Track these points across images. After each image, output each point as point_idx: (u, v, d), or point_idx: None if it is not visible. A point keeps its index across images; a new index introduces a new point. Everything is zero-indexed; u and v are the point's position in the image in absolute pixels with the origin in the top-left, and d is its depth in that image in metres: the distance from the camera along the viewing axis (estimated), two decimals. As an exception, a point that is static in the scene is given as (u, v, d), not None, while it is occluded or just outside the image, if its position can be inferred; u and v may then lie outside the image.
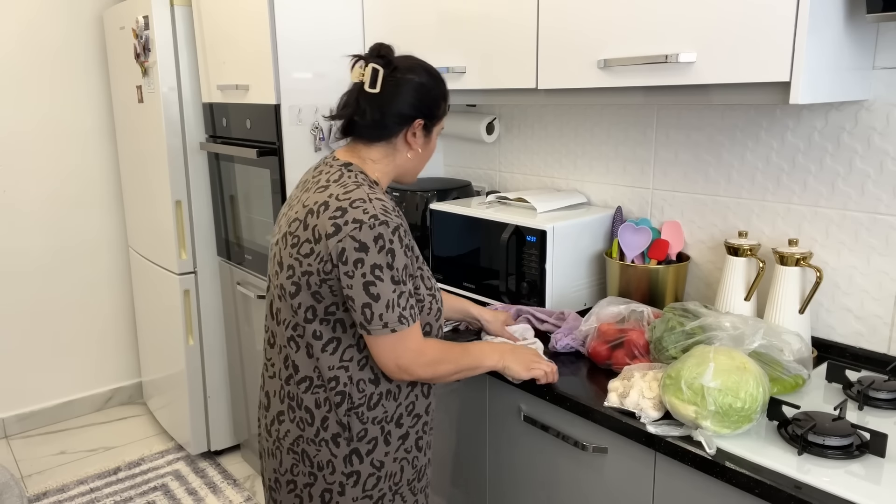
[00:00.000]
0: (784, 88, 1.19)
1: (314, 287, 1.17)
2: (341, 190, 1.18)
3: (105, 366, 3.35)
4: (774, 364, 1.27)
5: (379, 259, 1.12)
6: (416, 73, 1.23)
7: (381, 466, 1.27)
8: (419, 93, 1.23)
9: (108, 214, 3.25)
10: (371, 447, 1.26)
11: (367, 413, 1.24)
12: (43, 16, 2.95)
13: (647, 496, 1.26)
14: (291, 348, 1.24)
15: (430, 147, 1.31)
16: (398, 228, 1.15)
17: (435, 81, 1.26)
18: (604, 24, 1.44)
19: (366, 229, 1.12)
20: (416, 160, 1.30)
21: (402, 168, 1.30)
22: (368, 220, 1.12)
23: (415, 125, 1.24)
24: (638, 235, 1.72)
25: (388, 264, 1.13)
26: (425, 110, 1.25)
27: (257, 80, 2.13)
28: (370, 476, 1.26)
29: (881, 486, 0.99)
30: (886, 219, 1.40)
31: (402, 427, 1.28)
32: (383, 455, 1.27)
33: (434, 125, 1.29)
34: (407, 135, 1.25)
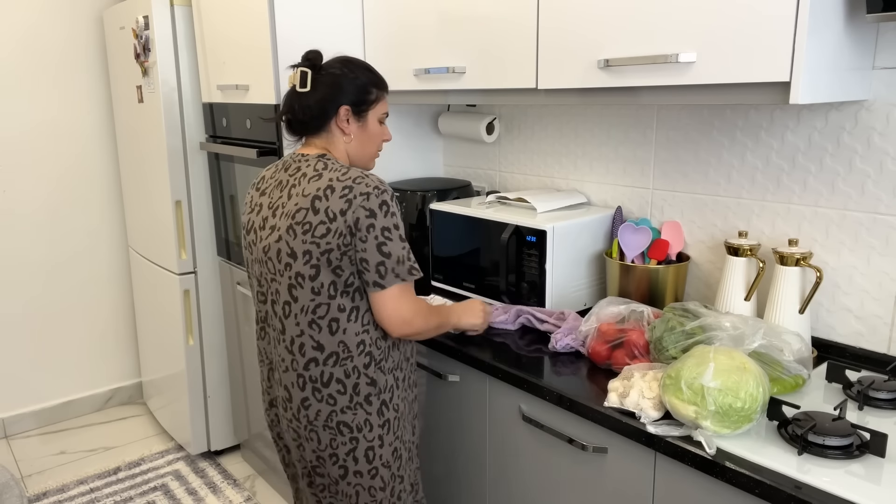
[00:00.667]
0: (784, 88, 1.19)
1: (335, 262, 1.32)
2: (338, 174, 1.33)
3: (105, 366, 3.35)
4: (774, 364, 1.27)
5: (386, 222, 1.30)
6: (336, 67, 1.41)
7: (398, 409, 1.46)
8: (337, 83, 1.39)
9: (108, 214, 3.25)
10: (391, 395, 1.44)
11: (385, 364, 1.42)
12: (43, 16, 2.95)
13: (647, 496, 1.26)
14: (314, 331, 1.36)
15: (371, 131, 1.45)
16: (394, 196, 1.34)
17: (356, 71, 1.42)
18: (604, 24, 1.44)
19: (372, 198, 1.29)
20: (358, 144, 1.45)
21: (350, 153, 1.45)
22: (373, 190, 1.30)
23: (340, 113, 1.40)
24: (638, 235, 1.72)
25: (395, 225, 1.32)
26: (345, 98, 1.40)
27: (257, 80, 2.13)
28: (395, 419, 1.45)
29: (881, 486, 0.99)
30: (886, 219, 1.40)
31: (403, 370, 1.48)
32: (399, 399, 1.46)
33: (365, 110, 1.43)
34: (338, 122, 1.41)
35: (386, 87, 1.48)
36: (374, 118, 1.45)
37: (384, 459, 1.44)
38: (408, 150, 2.37)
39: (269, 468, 2.61)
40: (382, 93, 1.46)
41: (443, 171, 2.50)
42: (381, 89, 1.45)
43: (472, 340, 1.63)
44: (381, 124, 1.47)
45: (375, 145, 1.48)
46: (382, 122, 1.47)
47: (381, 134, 1.48)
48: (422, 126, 2.39)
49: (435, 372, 1.70)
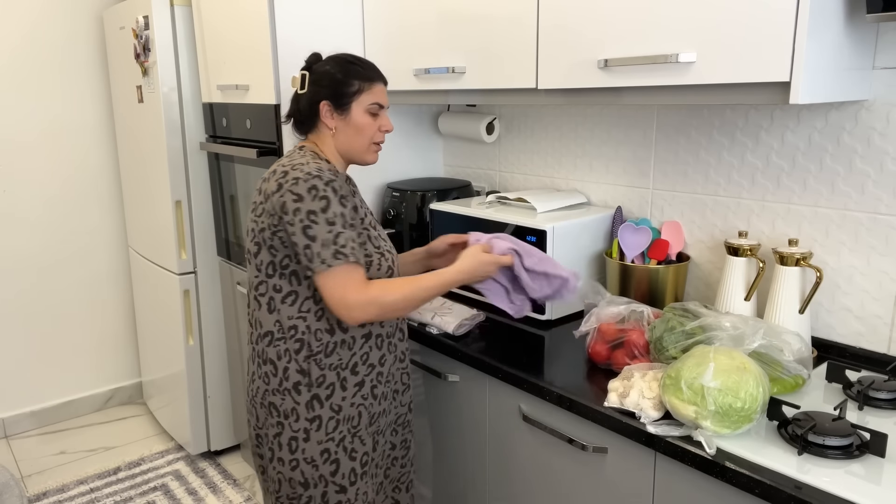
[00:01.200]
0: (784, 88, 1.19)
1: (268, 241, 1.35)
2: (287, 160, 1.37)
3: (105, 366, 3.35)
4: (774, 364, 1.27)
5: (313, 205, 1.28)
6: (321, 65, 1.43)
7: (339, 410, 1.40)
8: (319, 79, 1.42)
9: (108, 214, 3.25)
10: (329, 392, 1.39)
11: (324, 360, 1.38)
12: (43, 16, 2.95)
13: (647, 496, 1.26)
14: (256, 306, 1.40)
15: (356, 123, 1.42)
16: (331, 182, 1.30)
17: (336, 65, 1.42)
18: (604, 24, 1.44)
19: (301, 183, 1.29)
20: (344, 137, 1.43)
21: (339, 147, 1.45)
22: (304, 175, 1.29)
23: (322, 108, 1.41)
24: (638, 235, 1.72)
25: (322, 209, 1.28)
26: (323, 93, 1.41)
27: (257, 80, 2.13)
28: (330, 419, 1.40)
29: (881, 486, 0.99)
30: (886, 219, 1.40)
31: (357, 375, 1.42)
32: (341, 400, 1.40)
33: (347, 103, 1.41)
34: (322, 118, 1.42)
35: (374, 77, 1.43)
36: (359, 110, 1.42)
37: (307, 455, 1.39)
38: (408, 150, 2.37)
39: (269, 468, 2.61)
40: (368, 83, 1.42)
41: (443, 171, 2.50)
42: (365, 80, 1.42)
43: (470, 337, 1.63)
44: (374, 116, 1.43)
45: (365, 137, 1.44)
46: (376, 113, 1.43)
47: (372, 125, 1.43)
48: (422, 126, 2.39)
49: (435, 372, 1.70)
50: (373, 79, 1.43)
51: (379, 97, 1.44)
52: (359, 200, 1.46)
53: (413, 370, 1.79)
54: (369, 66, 1.45)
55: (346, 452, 1.42)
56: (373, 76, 1.43)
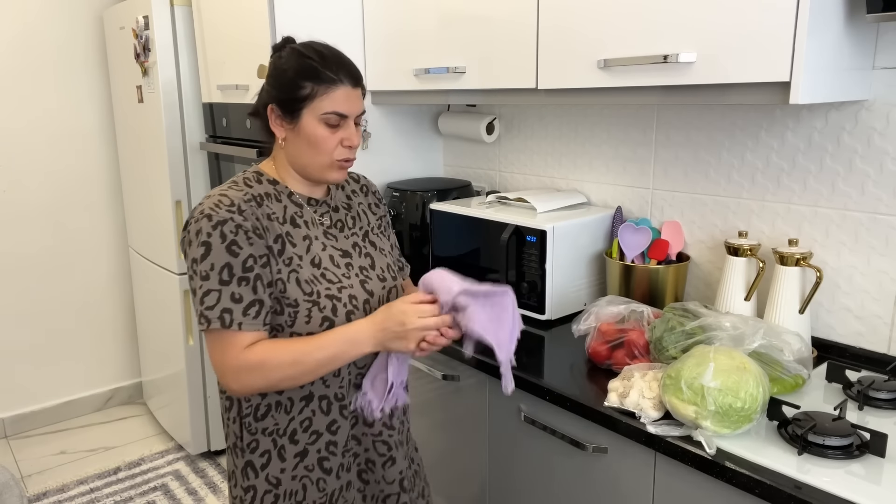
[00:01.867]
0: (784, 88, 1.19)
1: None
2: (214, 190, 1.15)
3: (105, 366, 3.35)
4: (774, 364, 1.27)
5: (195, 252, 1.07)
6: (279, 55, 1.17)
7: (277, 484, 1.17)
8: (271, 74, 1.16)
9: (108, 214, 3.25)
10: (265, 461, 1.17)
11: (254, 423, 1.16)
12: (43, 16, 2.95)
13: (647, 496, 1.26)
14: None
15: (308, 134, 1.13)
16: (222, 224, 1.06)
17: (291, 59, 1.14)
18: (604, 24, 1.44)
19: (192, 224, 1.08)
20: (294, 150, 1.16)
21: (289, 157, 1.18)
22: (196, 214, 1.09)
23: (268, 112, 1.16)
24: (638, 235, 1.72)
25: (200, 256, 1.06)
26: (275, 93, 1.14)
27: (257, 80, 2.13)
28: (267, 493, 1.17)
29: (881, 486, 0.99)
30: (886, 219, 1.40)
31: (298, 444, 1.17)
32: (279, 471, 1.17)
33: (297, 108, 1.12)
34: (271, 123, 1.17)
35: (334, 78, 1.12)
36: (310, 118, 1.12)
37: None
38: (408, 150, 2.37)
39: (269, 468, 2.61)
40: (325, 86, 1.11)
41: (443, 171, 2.50)
42: (320, 81, 1.11)
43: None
44: (333, 126, 1.13)
45: (320, 153, 1.14)
46: (335, 124, 1.13)
47: (329, 139, 1.13)
48: (422, 126, 2.39)
49: (434, 372, 1.70)
50: (332, 80, 1.12)
51: (338, 104, 1.12)
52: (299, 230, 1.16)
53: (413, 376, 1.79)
54: (332, 62, 1.13)
55: None
56: (333, 77, 1.12)
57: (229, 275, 1.06)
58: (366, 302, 1.18)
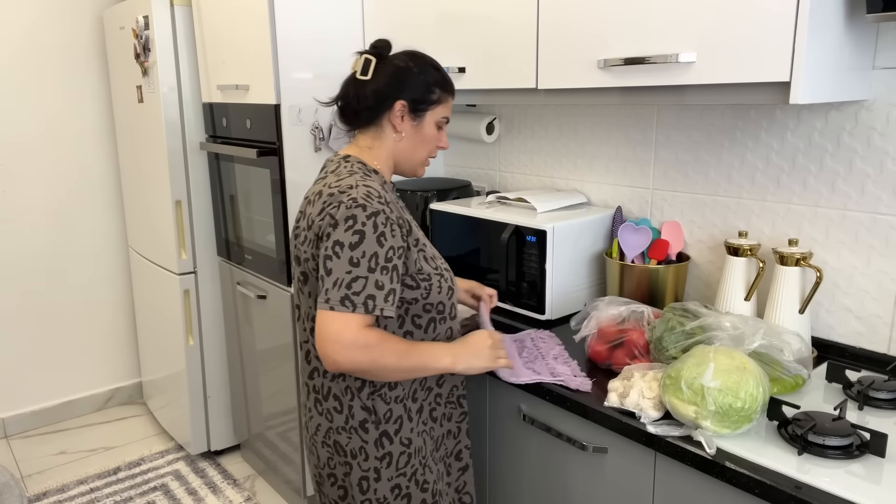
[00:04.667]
0: (784, 88, 1.19)
1: (314, 271, 1.24)
2: (335, 178, 1.25)
3: (105, 366, 3.35)
4: (774, 364, 1.27)
5: (342, 237, 1.15)
6: (402, 60, 1.30)
7: (409, 443, 1.31)
8: (398, 75, 1.28)
9: (108, 214, 3.25)
10: (398, 426, 1.30)
11: (389, 393, 1.28)
12: (43, 16, 2.95)
13: (647, 496, 1.26)
14: (313, 340, 1.29)
15: (425, 134, 1.33)
16: (375, 215, 1.16)
17: (421, 66, 1.30)
18: (604, 23, 1.44)
19: (342, 209, 1.17)
20: (409, 145, 1.33)
21: (396, 153, 1.33)
22: (347, 200, 1.17)
23: (396, 107, 1.28)
24: (638, 235, 1.72)
25: (351, 244, 1.15)
26: (405, 92, 1.28)
27: (257, 80, 2.13)
28: (402, 455, 1.30)
29: (881, 486, 0.99)
30: (886, 219, 1.40)
31: (417, 401, 1.33)
32: (409, 432, 1.31)
33: (424, 110, 1.31)
34: (391, 117, 1.29)
35: (452, 89, 1.35)
36: (431, 120, 1.32)
37: (379, 495, 1.30)
38: (408, 150, 2.37)
39: (269, 468, 2.61)
40: (447, 95, 1.34)
41: (443, 171, 2.50)
42: (445, 91, 1.33)
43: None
44: (439, 129, 1.35)
45: (427, 150, 1.35)
46: (441, 126, 1.35)
47: (436, 139, 1.35)
48: (422, 126, 2.39)
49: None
50: (451, 91, 1.35)
51: (448, 112, 1.36)
52: (408, 216, 1.32)
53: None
54: (448, 76, 1.36)
55: (418, 485, 1.33)
56: (451, 88, 1.35)
57: (375, 263, 1.16)
58: (452, 280, 1.36)
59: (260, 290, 2.38)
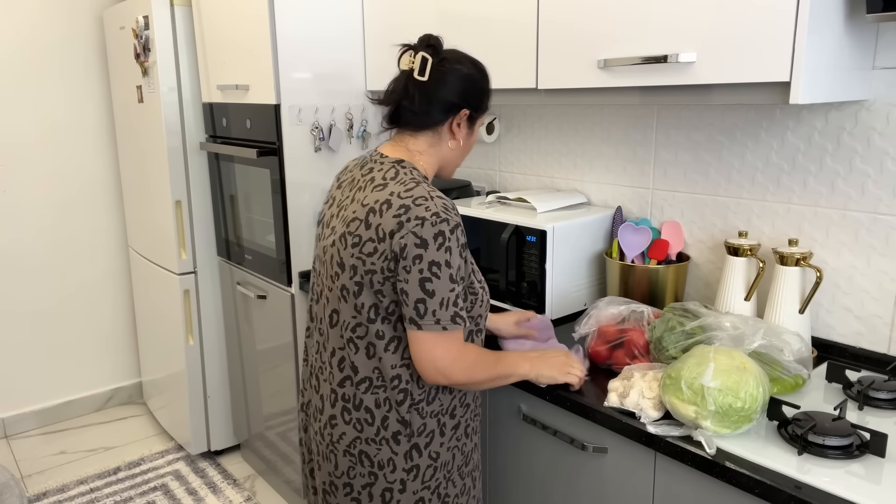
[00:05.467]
0: (784, 88, 1.19)
1: (377, 285, 1.20)
2: (402, 188, 1.19)
3: (105, 366, 3.35)
4: (774, 364, 1.27)
5: (437, 256, 1.15)
6: (464, 65, 1.26)
7: (437, 457, 1.31)
8: (465, 83, 1.26)
9: (108, 214, 3.25)
10: (429, 440, 1.29)
11: (426, 408, 1.27)
12: (43, 16, 2.95)
13: (647, 496, 1.26)
14: (350, 350, 1.26)
15: (472, 140, 1.34)
16: (457, 228, 1.17)
17: (481, 74, 1.30)
18: (604, 23, 1.44)
19: (427, 226, 1.14)
20: (459, 152, 1.32)
21: (445, 159, 1.32)
22: (430, 217, 1.15)
23: (461, 115, 1.27)
24: (638, 235, 1.72)
25: (447, 262, 1.15)
26: (471, 101, 1.27)
27: (257, 80, 2.13)
28: (428, 468, 1.30)
29: (881, 486, 0.99)
30: (886, 219, 1.40)
31: (455, 417, 1.32)
32: (439, 446, 1.31)
33: (478, 117, 1.32)
34: (452, 124, 1.27)
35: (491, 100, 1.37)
36: (479, 127, 1.35)
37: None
38: (408, 150, 2.37)
39: (269, 468, 2.61)
40: (486, 104, 1.34)
41: (443, 171, 2.50)
42: (489, 102, 1.35)
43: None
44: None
45: (466, 154, 1.36)
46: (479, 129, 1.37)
47: (475, 142, 1.38)
48: (422, 126, 2.39)
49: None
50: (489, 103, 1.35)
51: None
52: None
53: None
54: None
55: (440, 498, 1.32)
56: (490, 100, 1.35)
57: (458, 277, 1.18)
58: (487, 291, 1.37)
59: (260, 290, 2.38)
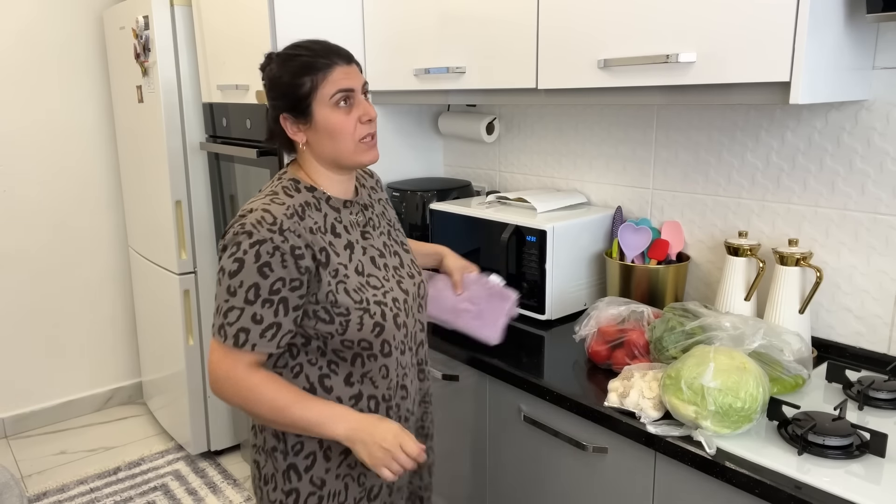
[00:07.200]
0: (784, 88, 1.19)
1: None
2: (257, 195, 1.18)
3: (105, 366, 3.35)
4: (774, 364, 1.27)
5: (226, 264, 1.09)
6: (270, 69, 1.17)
7: (322, 485, 1.19)
8: (272, 88, 1.17)
9: (109, 214, 3.25)
10: (309, 462, 1.18)
11: None
12: (43, 16, 2.95)
13: (647, 496, 1.26)
14: None
15: (326, 124, 1.14)
16: (261, 243, 1.07)
17: (281, 65, 1.15)
18: (604, 23, 1.44)
19: (230, 235, 1.10)
20: (321, 146, 1.17)
21: (320, 159, 1.19)
22: (236, 226, 1.10)
23: (283, 123, 1.17)
24: (638, 235, 1.72)
25: (231, 272, 1.08)
26: (280, 103, 1.16)
27: (257, 80, 2.13)
28: (311, 495, 1.19)
29: (881, 486, 0.99)
30: (886, 219, 1.40)
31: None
32: (324, 472, 1.19)
33: (305, 107, 1.14)
34: (289, 134, 1.18)
35: (326, 62, 1.13)
36: (321, 109, 1.13)
37: None
38: (408, 150, 2.37)
39: (269, 468, 2.61)
40: (320, 74, 1.12)
41: (443, 171, 2.50)
42: (315, 71, 1.12)
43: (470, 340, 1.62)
44: (342, 105, 1.14)
45: (344, 138, 1.15)
46: (343, 102, 1.14)
47: (346, 121, 1.14)
48: (422, 126, 2.39)
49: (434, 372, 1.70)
50: (326, 66, 1.13)
51: (340, 82, 1.13)
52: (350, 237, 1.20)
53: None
54: (318, 49, 1.14)
55: None
56: (326, 62, 1.13)
57: (255, 295, 1.08)
58: (405, 302, 1.23)
59: (260, 290, 2.38)
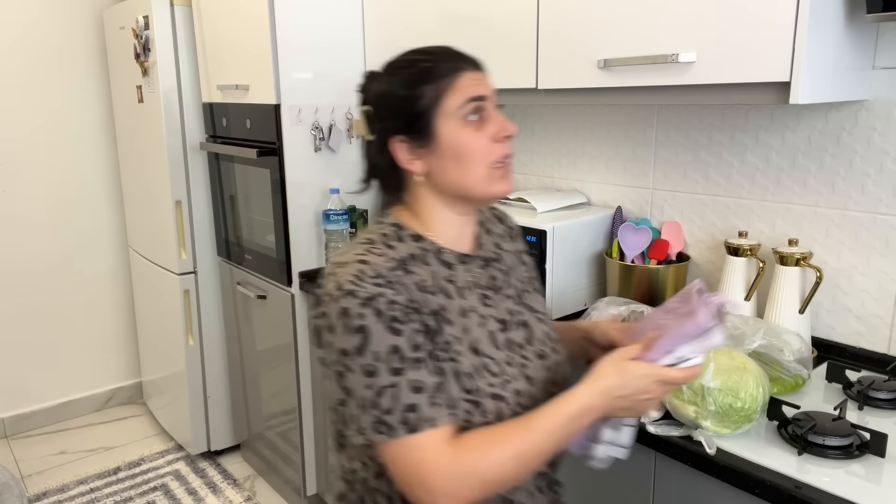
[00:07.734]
0: (784, 88, 1.19)
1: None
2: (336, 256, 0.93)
3: (105, 366, 3.35)
4: (774, 364, 1.27)
5: (345, 342, 0.84)
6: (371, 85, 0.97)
7: None
8: (380, 107, 0.95)
9: (108, 214, 3.25)
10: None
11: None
12: (43, 15, 2.95)
13: (647, 496, 1.26)
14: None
15: (453, 144, 0.92)
16: (373, 300, 0.84)
17: (393, 75, 0.95)
18: (604, 24, 1.44)
19: (332, 303, 0.86)
20: (445, 175, 0.94)
21: (445, 192, 0.96)
22: (335, 290, 0.86)
23: (393, 149, 0.94)
24: (638, 235, 1.72)
25: (358, 348, 0.84)
26: (392, 124, 0.94)
27: (257, 80, 2.13)
28: None
29: (881, 486, 0.99)
30: (886, 219, 1.40)
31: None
32: None
33: (426, 124, 0.92)
34: (401, 163, 0.95)
35: (453, 66, 0.93)
36: (446, 125, 0.91)
37: None
38: (408, 150, 2.37)
39: (269, 468, 2.61)
40: (444, 81, 0.91)
41: (443, 171, 2.50)
42: (438, 78, 0.91)
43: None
44: (473, 118, 0.92)
45: (476, 161, 0.92)
46: (474, 114, 0.92)
47: (479, 138, 0.92)
48: (422, 126, 2.39)
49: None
50: (451, 70, 0.92)
51: (470, 89, 0.92)
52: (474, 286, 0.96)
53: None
54: (440, 52, 0.94)
55: None
56: (451, 66, 0.93)
57: (400, 360, 0.84)
58: (528, 394, 0.95)
59: (260, 290, 2.38)
